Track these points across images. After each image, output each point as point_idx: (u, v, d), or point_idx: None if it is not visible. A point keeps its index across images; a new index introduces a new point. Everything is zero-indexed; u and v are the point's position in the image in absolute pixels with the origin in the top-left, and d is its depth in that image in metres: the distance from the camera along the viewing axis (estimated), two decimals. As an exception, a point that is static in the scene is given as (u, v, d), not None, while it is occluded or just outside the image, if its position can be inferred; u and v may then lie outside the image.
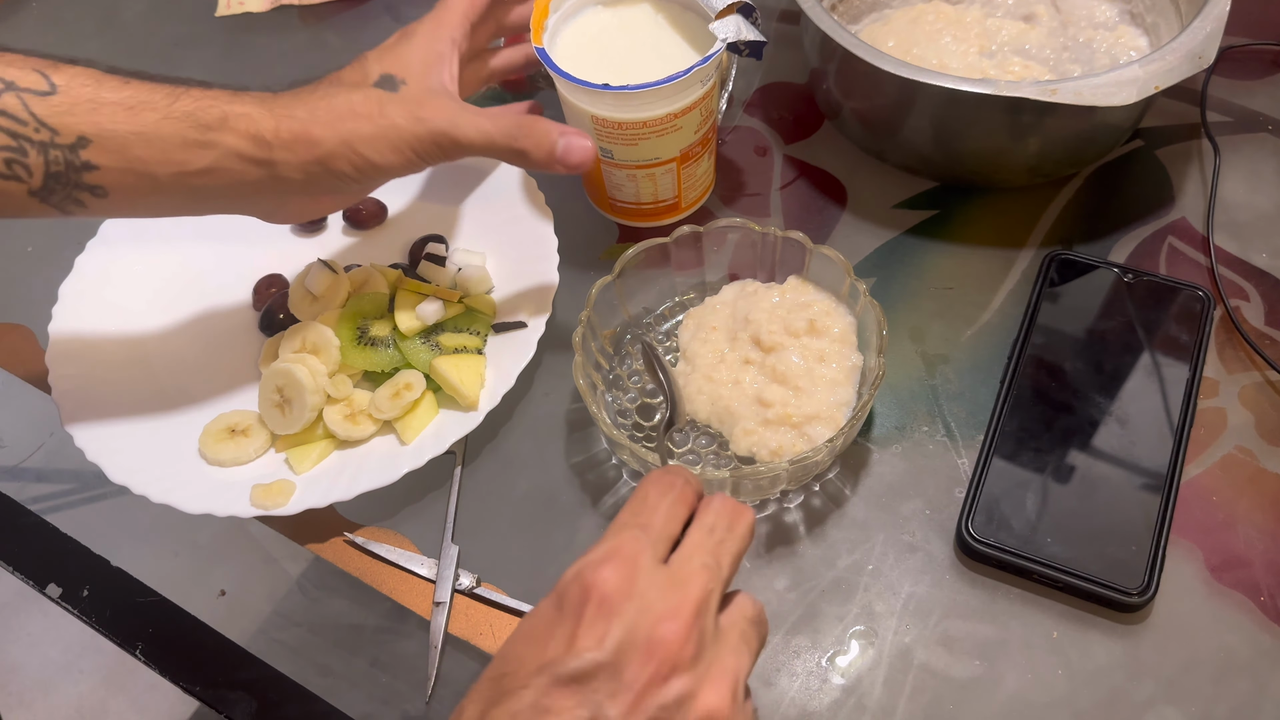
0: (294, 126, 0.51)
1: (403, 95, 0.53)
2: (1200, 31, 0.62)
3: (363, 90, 0.52)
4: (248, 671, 0.56)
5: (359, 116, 0.52)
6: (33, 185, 0.48)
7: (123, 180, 0.49)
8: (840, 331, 0.60)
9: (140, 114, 0.48)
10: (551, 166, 0.54)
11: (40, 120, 0.47)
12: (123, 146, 0.48)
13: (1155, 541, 0.54)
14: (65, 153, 0.47)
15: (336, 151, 0.52)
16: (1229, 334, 0.62)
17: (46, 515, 0.62)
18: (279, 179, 0.52)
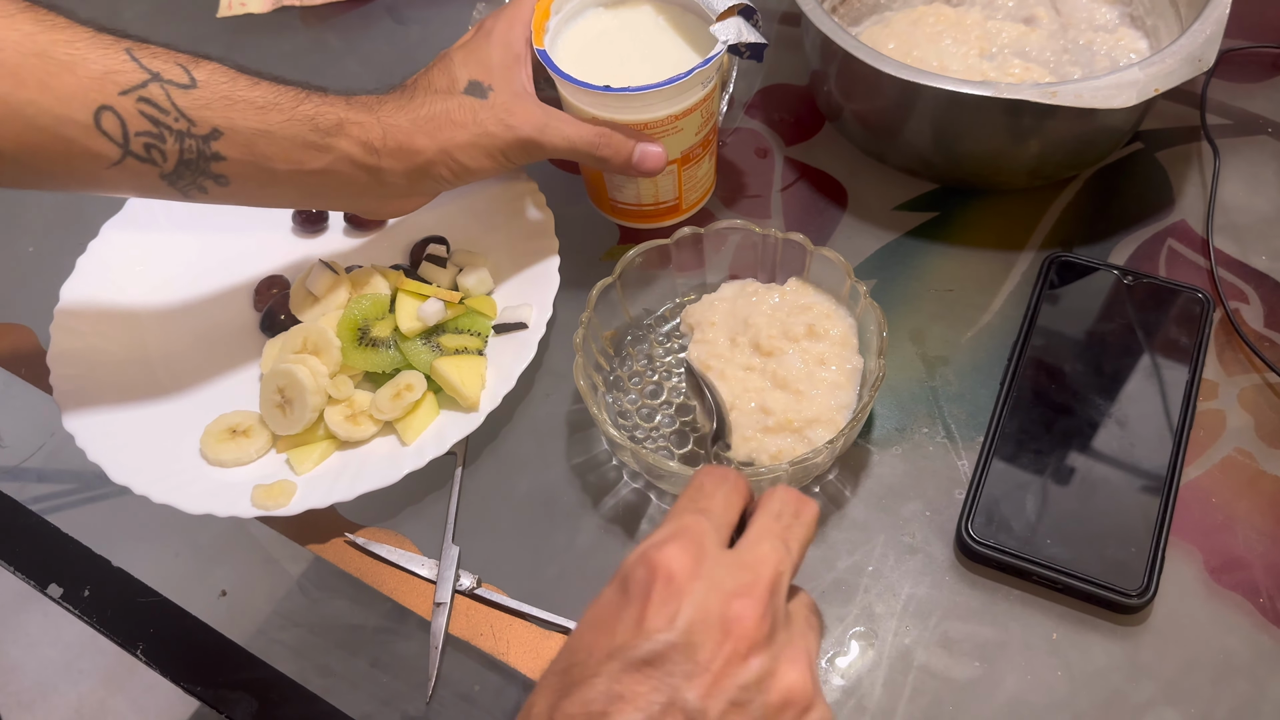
0: (399, 136, 0.56)
1: (492, 102, 0.58)
2: (1200, 34, 0.62)
3: (457, 98, 0.57)
4: (248, 672, 0.56)
5: (456, 125, 0.57)
6: (165, 169, 0.52)
7: (245, 172, 0.54)
8: (840, 334, 0.60)
9: (268, 114, 0.53)
10: (627, 171, 0.60)
11: (181, 111, 0.51)
12: (249, 142, 0.52)
13: (1155, 543, 0.54)
14: (199, 143, 0.51)
15: (436, 159, 0.57)
16: (1228, 336, 0.62)
17: (47, 515, 0.62)
18: (383, 182, 0.57)
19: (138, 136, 0.50)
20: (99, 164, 0.50)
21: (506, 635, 0.56)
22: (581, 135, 0.58)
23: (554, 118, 0.58)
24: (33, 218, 0.77)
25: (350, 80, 0.83)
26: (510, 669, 0.55)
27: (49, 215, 0.77)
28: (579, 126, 0.58)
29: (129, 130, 0.49)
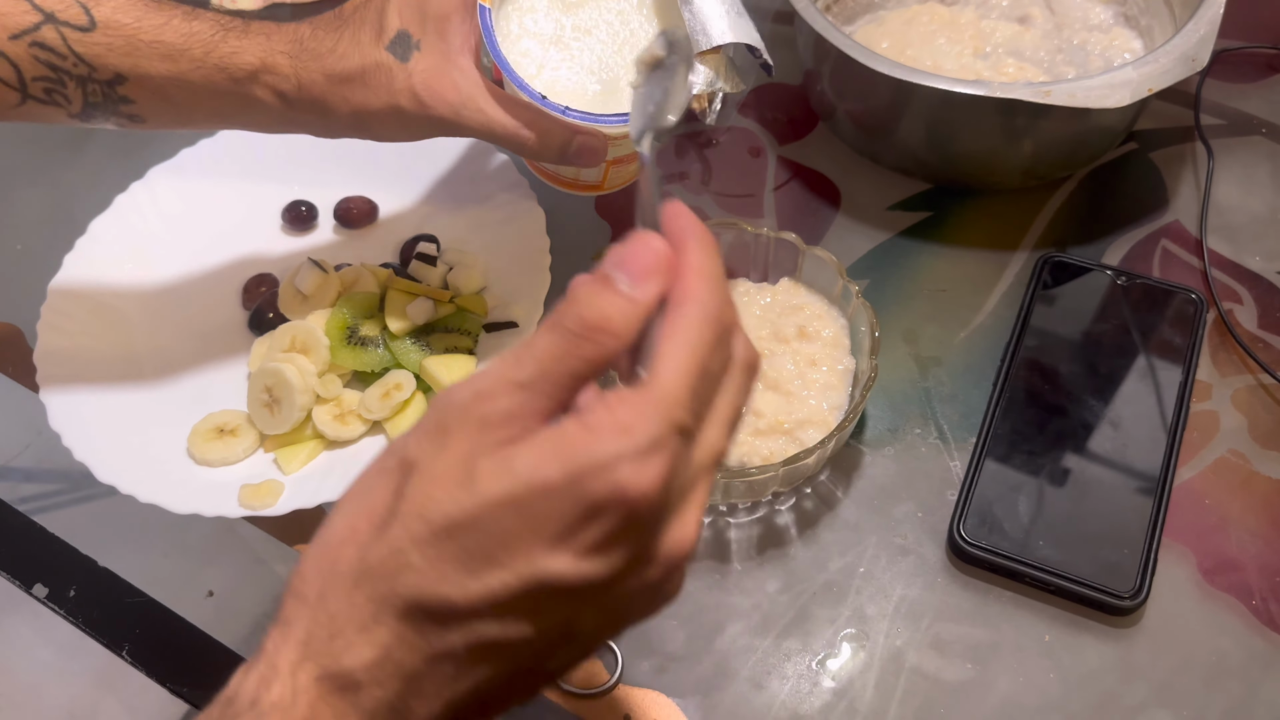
0: (313, 92, 0.52)
1: (412, 66, 0.52)
2: (1194, 34, 0.62)
3: (376, 56, 0.52)
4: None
5: (369, 90, 0.52)
6: (72, 110, 0.50)
7: (158, 112, 0.52)
8: (832, 335, 0.59)
9: (178, 61, 0.50)
10: (555, 161, 0.55)
11: (79, 56, 0.48)
12: (159, 88, 0.50)
13: (1147, 545, 0.53)
14: (103, 87, 0.50)
15: (348, 122, 0.54)
16: (1222, 337, 0.62)
17: (33, 515, 0.62)
18: (301, 128, 0.55)
19: (35, 81, 0.48)
20: (3, 105, 0.49)
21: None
22: (504, 124, 0.52)
23: (477, 96, 0.52)
24: (21, 215, 0.77)
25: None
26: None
27: (37, 213, 0.77)
28: (502, 111, 0.52)
29: (25, 76, 0.48)
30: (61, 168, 0.79)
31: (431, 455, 0.31)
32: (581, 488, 0.30)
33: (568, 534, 0.30)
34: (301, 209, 0.70)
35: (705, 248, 0.34)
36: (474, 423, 0.31)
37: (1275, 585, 0.53)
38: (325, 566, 0.32)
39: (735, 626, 0.54)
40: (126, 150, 0.78)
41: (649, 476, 0.30)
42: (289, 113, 0.53)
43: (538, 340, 0.32)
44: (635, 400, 0.31)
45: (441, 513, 0.30)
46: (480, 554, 0.30)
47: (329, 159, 0.72)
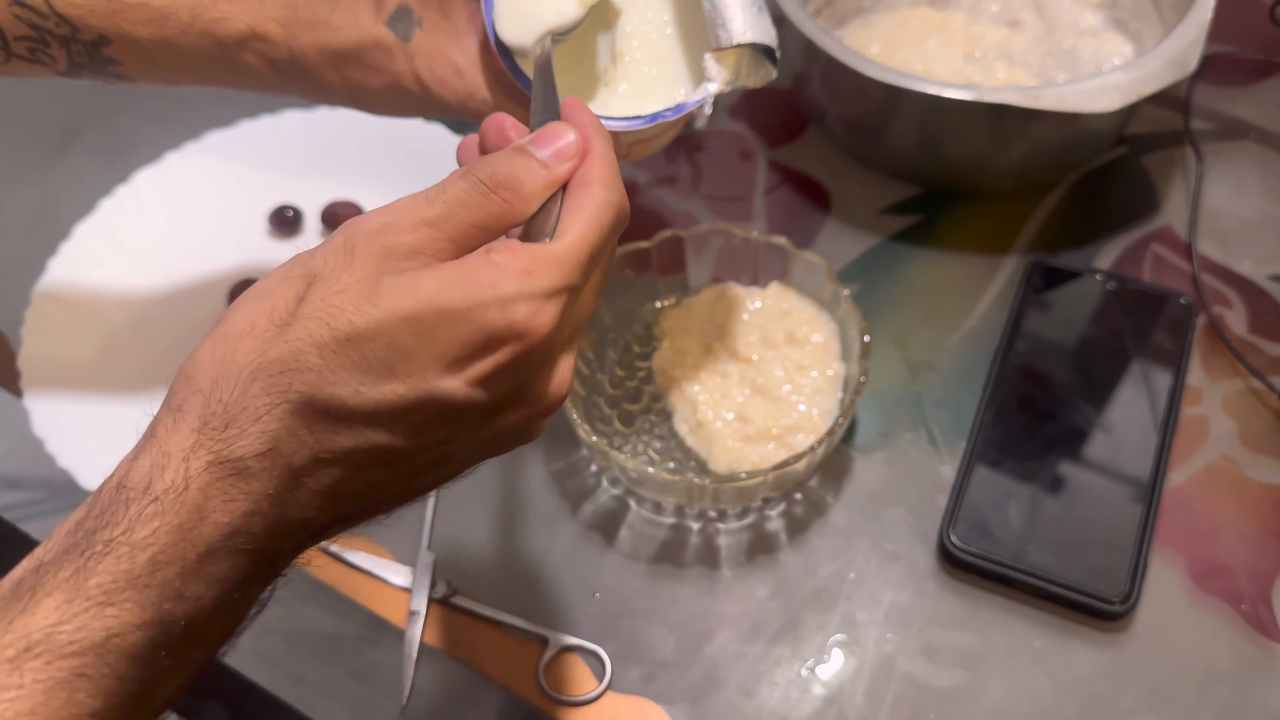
0: (305, 64, 0.50)
1: (414, 47, 0.49)
2: (1183, 39, 0.62)
3: (375, 33, 0.49)
4: (220, 681, 0.55)
5: (366, 69, 0.50)
6: (59, 69, 0.50)
7: (146, 73, 0.51)
8: (822, 340, 0.59)
9: (164, 25, 0.49)
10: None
11: (61, 16, 0.47)
12: (144, 51, 0.49)
13: (1138, 550, 0.53)
14: (87, 48, 0.49)
15: (344, 97, 0.52)
16: (1212, 341, 0.62)
17: (15, 522, 0.61)
18: (296, 94, 0.54)
19: (18, 41, 0.47)
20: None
21: (482, 644, 0.55)
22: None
23: (482, 86, 0.50)
24: (4, 219, 0.76)
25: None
26: (486, 678, 0.54)
27: (21, 216, 0.76)
28: (511, 105, 0.50)
29: (6, 35, 0.47)
30: (45, 171, 0.79)
31: (337, 270, 0.33)
32: (482, 316, 0.32)
33: (463, 359, 0.32)
34: (288, 213, 0.70)
35: (608, 143, 0.38)
36: (379, 248, 0.33)
37: (1265, 590, 0.53)
38: (221, 357, 0.33)
39: (725, 633, 0.54)
40: (111, 154, 0.78)
41: (544, 319, 0.33)
42: (280, 81, 0.52)
43: (450, 185, 0.35)
44: (540, 253, 0.34)
45: (346, 320, 0.32)
46: (379, 364, 0.32)
47: (316, 163, 0.72)
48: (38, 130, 0.82)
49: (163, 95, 0.81)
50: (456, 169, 0.37)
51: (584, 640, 0.54)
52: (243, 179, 0.72)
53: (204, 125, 0.73)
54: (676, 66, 0.52)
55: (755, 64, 0.49)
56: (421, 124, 0.72)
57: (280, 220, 0.70)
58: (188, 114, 0.77)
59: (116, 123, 0.81)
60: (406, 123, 0.72)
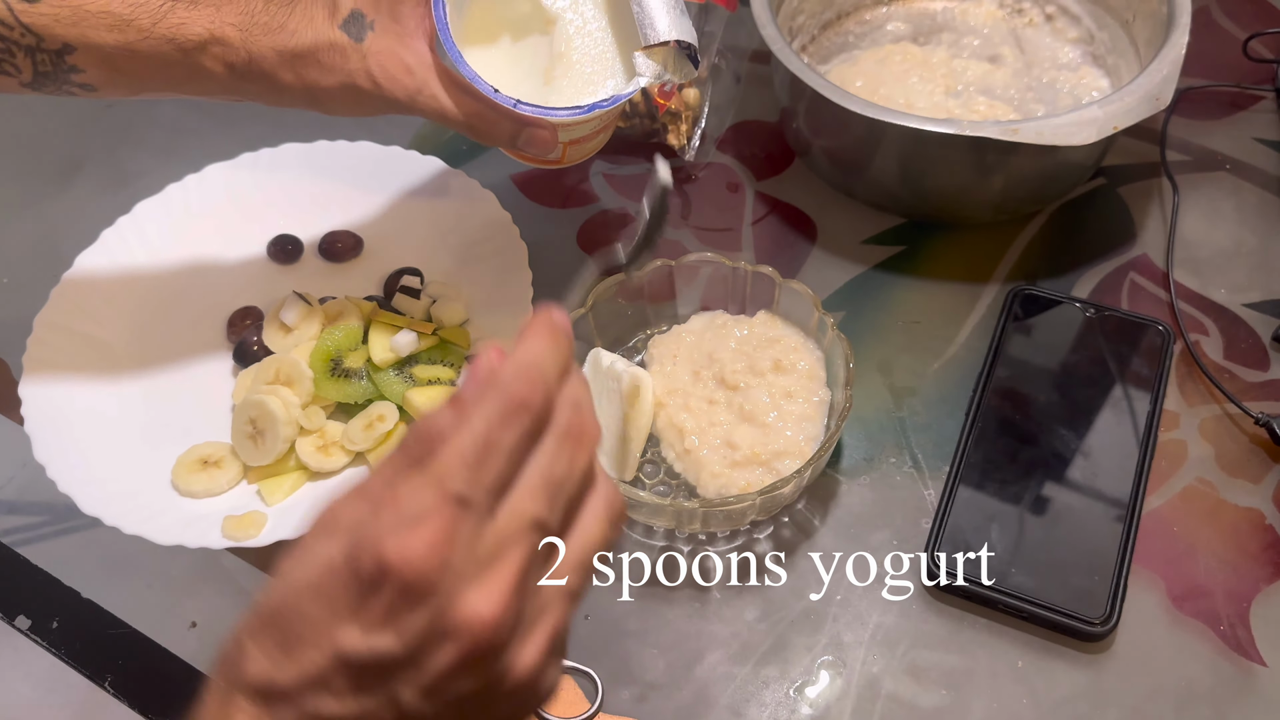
0: (263, 67, 0.52)
1: (366, 48, 0.52)
2: (1157, 74, 0.63)
3: (330, 34, 0.52)
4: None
5: (322, 68, 0.52)
6: (24, 79, 0.51)
7: (110, 81, 0.52)
8: (808, 367, 0.60)
9: (125, 31, 0.50)
10: (505, 148, 0.56)
11: (26, 26, 0.49)
12: (107, 58, 0.50)
13: (1118, 572, 0.54)
14: (52, 57, 0.50)
15: (300, 97, 0.54)
16: (1189, 368, 0.64)
17: (17, 547, 0.62)
18: (252, 98, 0.55)
19: None
20: None
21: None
22: (456, 111, 0.53)
23: (431, 81, 0.53)
24: (7, 249, 0.77)
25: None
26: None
27: (24, 246, 0.77)
28: (457, 98, 0.53)
29: None
30: (48, 202, 0.80)
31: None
32: (356, 562, 0.32)
33: (355, 609, 0.32)
34: (287, 244, 0.71)
35: (535, 336, 0.36)
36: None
37: (1243, 611, 0.54)
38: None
39: (714, 654, 0.55)
40: (113, 185, 0.79)
41: (414, 545, 0.31)
42: (239, 84, 0.53)
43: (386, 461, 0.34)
44: (413, 477, 0.33)
45: (265, 603, 0.33)
46: (293, 636, 0.32)
47: (314, 195, 0.73)
48: (41, 161, 0.83)
49: (164, 129, 0.83)
50: None
51: (576, 662, 0.55)
52: (242, 210, 0.73)
53: (205, 158, 0.74)
54: (611, 65, 0.57)
55: (679, 62, 0.54)
56: (417, 155, 0.73)
57: (279, 250, 0.71)
58: (189, 146, 0.78)
59: (119, 155, 0.82)
60: (404, 154, 0.74)
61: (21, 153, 0.84)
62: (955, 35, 0.79)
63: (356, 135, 0.75)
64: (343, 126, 0.75)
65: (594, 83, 0.56)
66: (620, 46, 0.57)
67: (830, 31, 0.81)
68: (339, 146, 0.75)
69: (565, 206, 0.75)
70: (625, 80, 0.56)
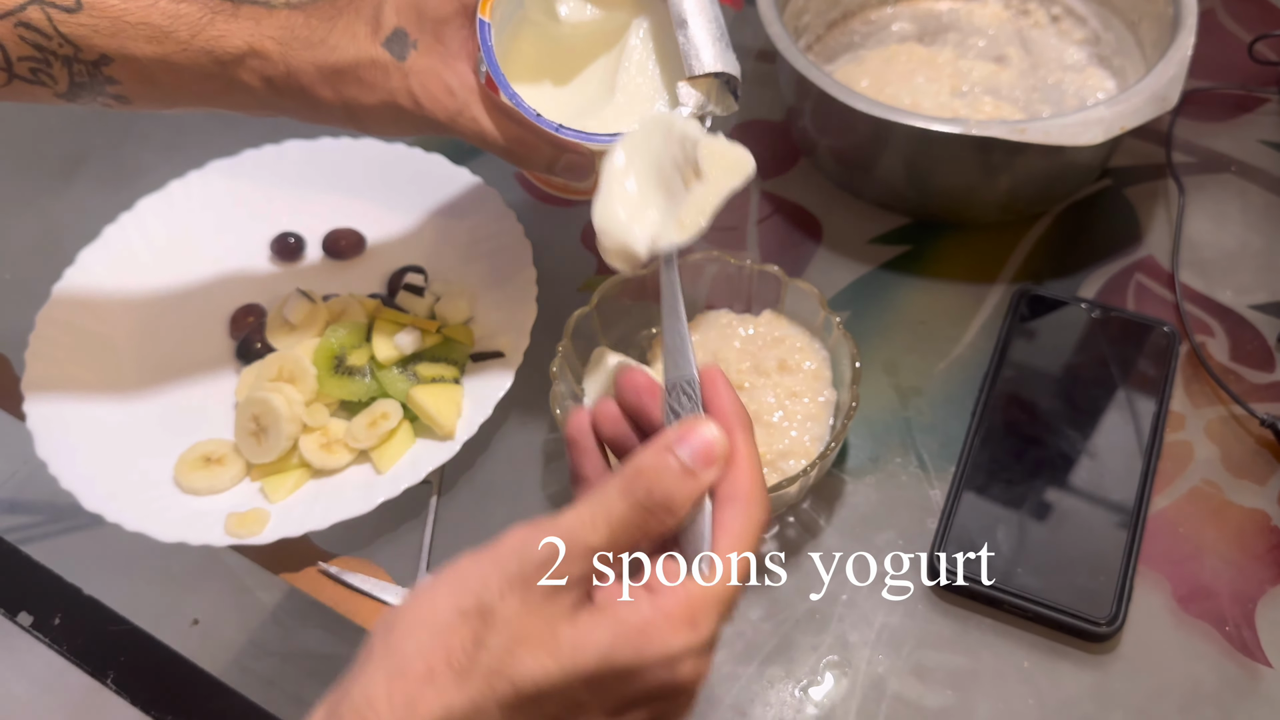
0: (303, 81, 0.52)
1: (409, 66, 0.52)
2: (1164, 75, 0.63)
3: (372, 52, 0.52)
4: (220, 701, 0.55)
5: (363, 85, 0.52)
6: (58, 90, 0.50)
7: (145, 94, 0.52)
8: (814, 367, 0.60)
9: (164, 43, 0.50)
10: (544, 173, 0.56)
11: (65, 37, 0.49)
12: (144, 70, 0.50)
13: (1123, 572, 0.54)
14: (88, 68, 0.50)
15: (337, 114, 0.53)
16: (1195, 369, 0.63)
17: (18, 544, 0.62)
18: (288, 114, 0.54)
19: (21, 61, 0.48)
20: None
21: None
22: (496, 135, 0.53)
23: (472, 104, 0.52)
24: (10, 245, 0.77)
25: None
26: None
27: (26, 243, 0.77)
28: (497, 121, 0.53)
29: (10, 55, 0.48)
30: (51, 199, 0.80)
31: (515, 610, 0.34)
32: (653, 676, 0.34)
33: (624, 708, 0.34)
34: (290, 240, 0.71)
35: (750, 436, 0.38)
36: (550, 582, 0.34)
37: (1249, 612, 0.54)
38: (401, 704, 0.33)
39: (720, 654, 0.55)
40: (116, 181, 0.79)
41: (704, 669, 0.35)
42: (275, 99, 0.53)
43: (611, 506, 0.35)
44: (701, 597, 0.35)
45: (530, 680, 0.33)
46: (552, 718, 0.34)
47: (317, 191, 0.73)
48: (44, 158, 0.83)
49: (167, 125, 0.83)
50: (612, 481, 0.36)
51: (580, 661, 0.54)
52: (245, 206, 0.73)
53: (208, 154, 0.74)
54: (654, 96, 0.56)
55: (721, 94, 0.53)
56: (422, 153, 0.73)
57: (282, 247, 0.71)
58: (192, 143, 0.78)
59: (122, 151, 0.82)
60: (407, 151, 0.73)
61: (24, 149, 0.84)
62: (961, 35, 0.79)
63: (360, 133, 0.75)
64: (347, 124, 0.75)
65: (636, 113, 0.56)
66: (665, 78, 0.57)
67: (836, 31, 0.81)
68: (342, 144, 0.75)
69: (569, 205, 0.75)
70: (668, 110, 0.55)
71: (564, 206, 0.74)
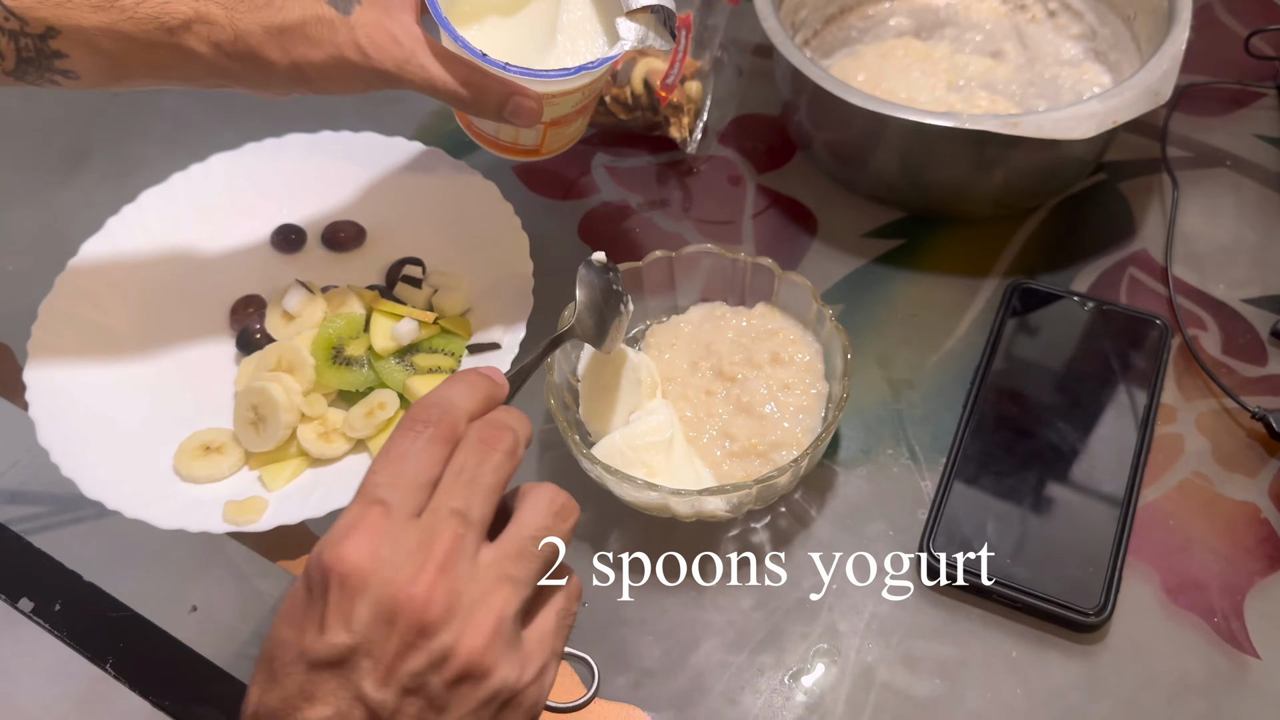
0: (250, 43, 0.52)
1: (355, 20, 0.53)
2: (1158, 69, 0.64)
3: (316, 8, 0.53)
4: (217, 686, 0.56)
5: (310, 42, 0.53)
6: (6, 67, 0.50)
7: (93, 66, 0.51)
8: (806, 359, 0.61)
9: (108, 12, 0.50)
10: (494, 119, 0.56)
11: (10, 10, 0.49)
12: (90, 40, 0.50)
13: (1112, 564, 0.55)
14: (35, 41, 0.50)
15: (288, 75, 0.54)
16: (1187, 362, 0.64)
17: (20, 530, 0.63)
18: (238, 81, 0.54)
19: None
20: None
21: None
22: (445, 80, 0.54)
23: (419, 51, 0.53)
24: (14, 236, 0.78)
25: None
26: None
27: (30, 234, 0.78)
28: (445, 66, 0.53)
29: None
30: (54, 190, 0.81)
31: None
32: (308, 579, 0.37)
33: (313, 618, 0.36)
34: (290, 233, 0.72)
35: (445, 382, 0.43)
36: None
37: (1237, 604, 0.55)
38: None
39: (710, 643, 0.55)
40: (119, 174, 0.80)
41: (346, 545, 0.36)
42: (224, 64, 0.53)
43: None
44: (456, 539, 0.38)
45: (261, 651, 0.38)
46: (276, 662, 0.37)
47: (317, 185, 0.74)
48: (48, 151, 0.84)
49: (169, 118, 0.83)
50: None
51: (573, 648, 0.55)
52: (246, 200, 0.73)
53: (209, 147, 0.75)
54: (596, 37, 0.59)
55: (659, 29, 0.55)
56: (420, 146, 0.74)
57: (283, 239, 0.72)
58: (194, 136, 0.79)
59: (124, 144, 0.83)
60: (407, 145, 0.74)
61: (28, 142, 0.85)
62: (958, 30, 0.79)
63: (360, 126, 0.75)
64: (346, 118, 0.76)
65: (579, 55, 0.58)
66: (603, 17, 0.59)
67: (833, 26, 0.81)
68: (342, 137, 0.75)
69: (567, 198, 0.76)
70: (608, 48, 0.58)
71: (559, 200, 0.75)
